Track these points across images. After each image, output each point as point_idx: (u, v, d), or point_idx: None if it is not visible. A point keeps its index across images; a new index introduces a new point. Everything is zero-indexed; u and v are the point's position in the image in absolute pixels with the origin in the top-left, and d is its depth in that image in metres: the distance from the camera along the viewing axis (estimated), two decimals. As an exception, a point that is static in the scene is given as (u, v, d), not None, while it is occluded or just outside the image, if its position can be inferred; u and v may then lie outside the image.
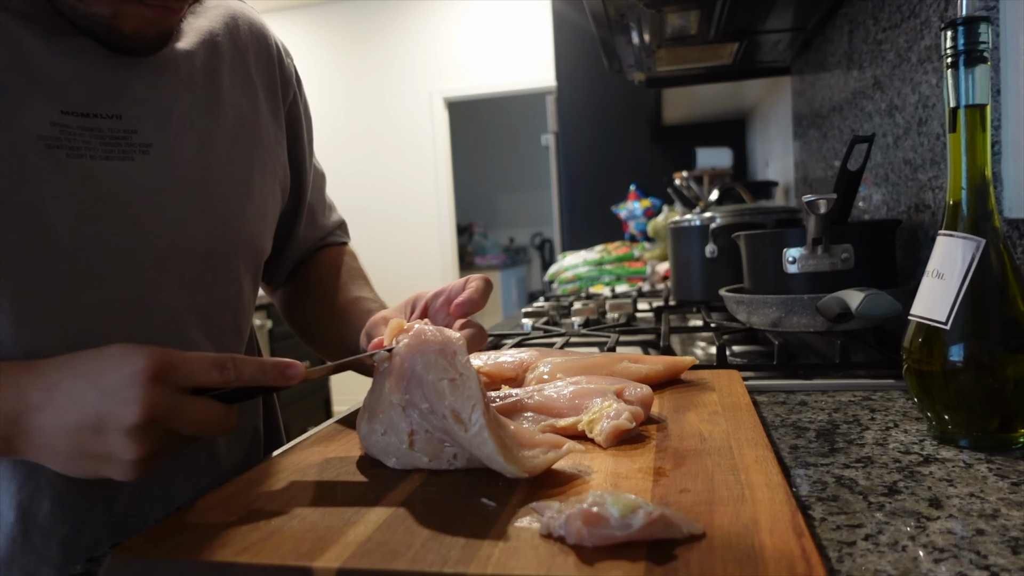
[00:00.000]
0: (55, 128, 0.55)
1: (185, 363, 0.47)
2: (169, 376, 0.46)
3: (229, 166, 0.68)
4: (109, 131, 0.59)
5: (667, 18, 1.38)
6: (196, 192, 0.65)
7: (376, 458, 0.53)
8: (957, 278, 0.53)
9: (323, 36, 4.89)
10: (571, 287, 2.11)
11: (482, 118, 6.28)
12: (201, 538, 0.41)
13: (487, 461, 0.46)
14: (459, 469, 0.50)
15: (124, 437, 0.45)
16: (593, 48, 2.81)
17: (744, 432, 0.54)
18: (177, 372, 0.47)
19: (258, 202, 0.72)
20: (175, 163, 0.63)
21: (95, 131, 0.58)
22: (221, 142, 0.68)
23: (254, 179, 0.71)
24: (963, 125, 0.53)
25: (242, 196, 0.70)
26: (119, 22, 0.56)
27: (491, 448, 0.45)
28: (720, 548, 0.35)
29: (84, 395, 0.46)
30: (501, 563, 0.35)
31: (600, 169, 3.13)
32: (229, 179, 0.68)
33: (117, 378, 0.46)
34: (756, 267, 0.96)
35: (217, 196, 0.67)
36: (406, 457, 0.50)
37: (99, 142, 0.58)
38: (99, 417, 0.46)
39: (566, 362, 0.71)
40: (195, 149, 0.65)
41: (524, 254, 6.51)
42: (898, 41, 1.02)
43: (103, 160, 0.58)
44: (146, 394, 0.45)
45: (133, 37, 0.58)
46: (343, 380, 4.38)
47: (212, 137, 0.67)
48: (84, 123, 0.57)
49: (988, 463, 0.50)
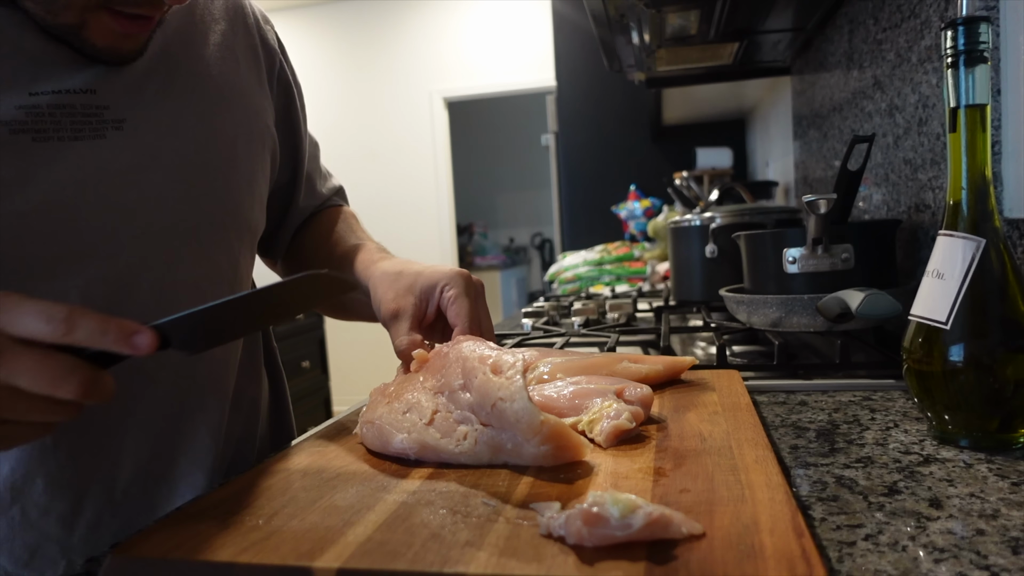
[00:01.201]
0: (21, 111, 0.54)
1: (14, 306, 0.42)
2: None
3: (210, 137, 0.66)
4: (82, 107, 0.57)
5: (667, 18, 1.38)
6: (174, 166, 0.63)
7: (379, 439, 0.54)
8: (957, 278, 0.53)
9: (323, 36, 4.89)
10: (571, 287, 2.11)
11: (482, 118, 6.28)
12: (201, 538, 0.41)
13: (515, 420, 0.47)
14: (460, 464, 0.51)
15: None
16: (593, 48, 2.81)
17: (744, 432, 0.54)
18: (3, 316, 0.41)
19: (245, 172, 0.71)
20: (150, 138, 0.61)
21: (66, 108, 0.56)
22: (200, 113, 0.66)
23: (239, 149, 0.70)
24: (963, 125, 0.53)
25: (226, 167, 0.68)
26: (87, 33, 0.54)
27: (524, 400, 0.47)
28: (720, 548, 0.35)
29: None
30: (501, 563, 0.35)
31: (600, 169, 3.13)
32: (210, 150, 0.66)
33: None
34: (756, 267, 0.96)
35: (198, 168, 0.65)
36: (419, 433, 0.52)
37: (69, 120, 0.56)
38: None
39: (566, 362, 0.71)
40: (171, 122, 0.63)
41: (524, 254, 6.51)
42: (898, 41, 1.02)
43: (71, 140, 0.56)
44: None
45: (107, 50, 0.56)
46: (343, 380, 4.38)
47: (189, 108, 0.65)
48: (54, 100, 0.55)
49: (988, 463, 0.50)
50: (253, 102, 0.73)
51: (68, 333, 0.42)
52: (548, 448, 0.48)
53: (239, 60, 0.72)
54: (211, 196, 0.67)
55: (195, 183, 0.65)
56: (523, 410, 0.47)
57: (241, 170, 0.70)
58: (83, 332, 0.42)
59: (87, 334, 0.42)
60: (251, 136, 0.72)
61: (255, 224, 0.75)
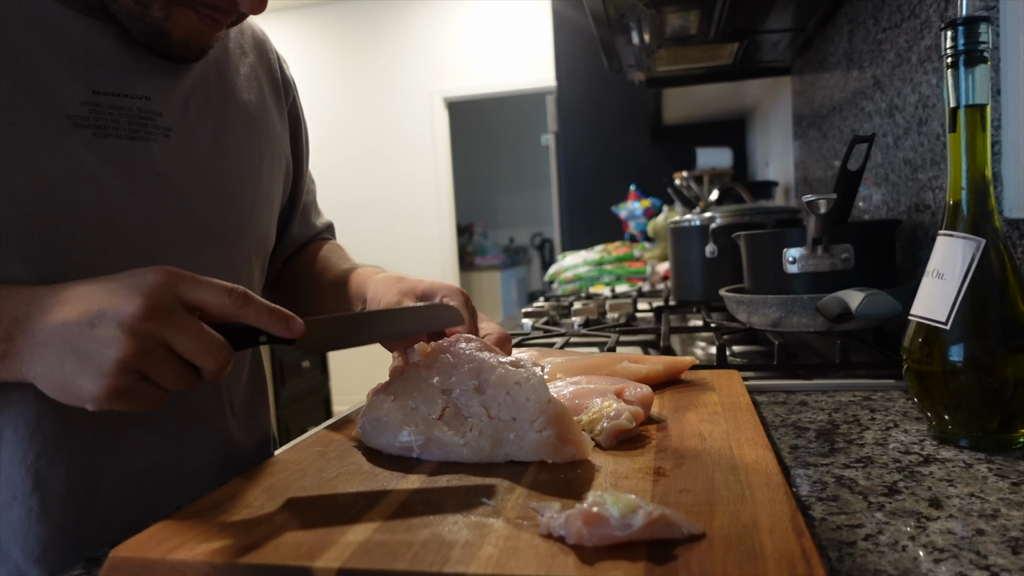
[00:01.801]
0: (85, 107, 0.57)
1: (197, 281, 0.48)
2: (178, 286, 0.47)
3: (241, 155, 0.71)
4: (138, 111, 0.61)
5: (667, 18, 1.38)
6: (212, 177, 0.67)
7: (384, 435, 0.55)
8: (957, 278, 0.53)
9: (323, 36, 4.89)
10: (571, 287, 2.11)
11: (482, 118, 6.28)
12: (201, 538, 0.41)
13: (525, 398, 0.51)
14: (461, 458, 0.51)
15: (116, 330, 0.45)
16: (593, 48, 2.81)
17: (744, 432, 0.54)
18: (187, 285, 0.47)
19: (267, 191, 0.76)
20: (193, 148, 0.66)
21: (124, 110, 0.60)
22: (233, 132, 0.71)
23: (263, 169, 0.75)
24: (963, 125, 0.53)
25: (253, 184, 0.73)
26: (170, 25, 0.59)
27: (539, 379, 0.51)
28: (720, 548, 0.35)
29: (93, 293, 0.47)
30: (501, 563, 0.35)
31: (600, 169, 3.13)
32: (241, 166, 0.71)
33: (128, 279, 0.47)
34: (756, 267, 0.96)
35: (231, 181, 0.69)
36: (426, 426, 0.53)
37: (127, 121, 0.60)
38: (100, 309, 0.46)
39: (566, 362, 0.71)
40: (210, 136, 0.68)
41: (524, 254, 6.51)
42: (898, 41, 1.02)
43: (128, 140, 0.60)
44: (151, 293, 0.46)
45: (179, 44, 0.61)
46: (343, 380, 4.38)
47: (225, 127, 0.70)
48: (114, 102, 0.59)
49: (988, 463, 0.50)
50: (275, 129, 0.78)
51: (244, 307, 0.48)
52: (550, 434, 0.49)
53: (264, 90, 0.78)
54: (240, 209, 0.71)
55: (228, 195, 0.69)
56: (537, 385, 0.50)
57: (264, 189, 0.75)
58: (255, 310, 0.48)
59: (256, 313, 0.48)
60: (273, 159, 0.77)
61: (270, 241, 0.79)
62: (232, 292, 0.48)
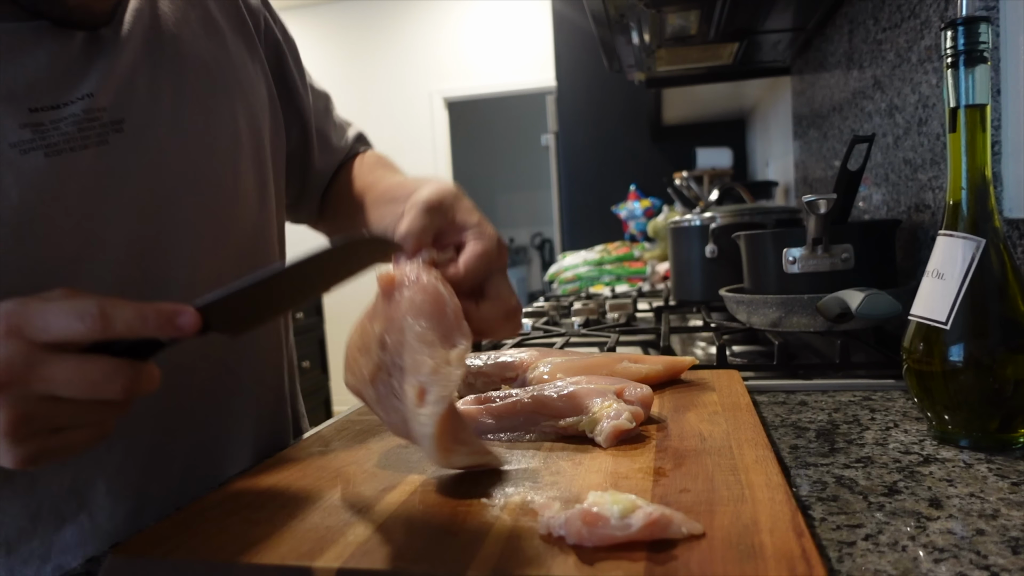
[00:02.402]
0: (27, 129, 0.52)
1: (40, 313, 0.39)
2: (24, 331, 0.39)
3: (211, 123, 0.64)
4: (83, 113, 0.55)
5: (667, 18, 1.38)
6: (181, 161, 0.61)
7: None
8: (957, 278, 0.53)
9: (323, 36, 4.89)
10: (571, 287, 2.11)
11: (482, 118, 6.28)
12: (201, 538, 0.41)
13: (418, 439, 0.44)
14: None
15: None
16: (593, 48, 2.81)
17: (744, 432, 0.54)
18: (33, 326, 0.39)
19: (250, 150, 0.69)
20: (152, 133, 0.59)
21: (69, 118, 0.54)
22: (196, 96, 0.63)
23: (240, 127, 0.67)
24: (963, 125, 0.53)
25: (232, 148, 0.66)
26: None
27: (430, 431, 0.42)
28: (720, 548, 0.35)
29: None
30: (501, 563, 0.35)
31: (600, 169, 3.14)
32: (214, 135, 0.64)
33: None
34: (756, 267, 0.96)
35: (206, 158, 0.63)
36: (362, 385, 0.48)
37: (75, 130, 0.54)
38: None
39: (566, 362, 0.71)
40: (169, 113, 0.61)
41: (524, 254, 6.51)
42: (898, 41, 1.02)
43: (81, 149, 0.54)
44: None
45: (77, 9, 0.54)
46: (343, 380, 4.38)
47: (184, 98, 0.62)
48: (55, 115, 0.53)
49: (988, 463, 0.50)
50: (247, 74, 0.70)
51: (106, 328, 0.39)
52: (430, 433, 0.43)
53: (224, 32, 0.68)
54: (223, 183, 0.65)
55: (205, 174, 0.63)
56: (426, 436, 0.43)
57: (246, 149, 0.68)
58: (121, 324, 0.39)
59: (126, 325, 0.39)
60: (251, 112, 0.69)
61: (272, 198, 0.72)
62: (84, 315, 0.39)
